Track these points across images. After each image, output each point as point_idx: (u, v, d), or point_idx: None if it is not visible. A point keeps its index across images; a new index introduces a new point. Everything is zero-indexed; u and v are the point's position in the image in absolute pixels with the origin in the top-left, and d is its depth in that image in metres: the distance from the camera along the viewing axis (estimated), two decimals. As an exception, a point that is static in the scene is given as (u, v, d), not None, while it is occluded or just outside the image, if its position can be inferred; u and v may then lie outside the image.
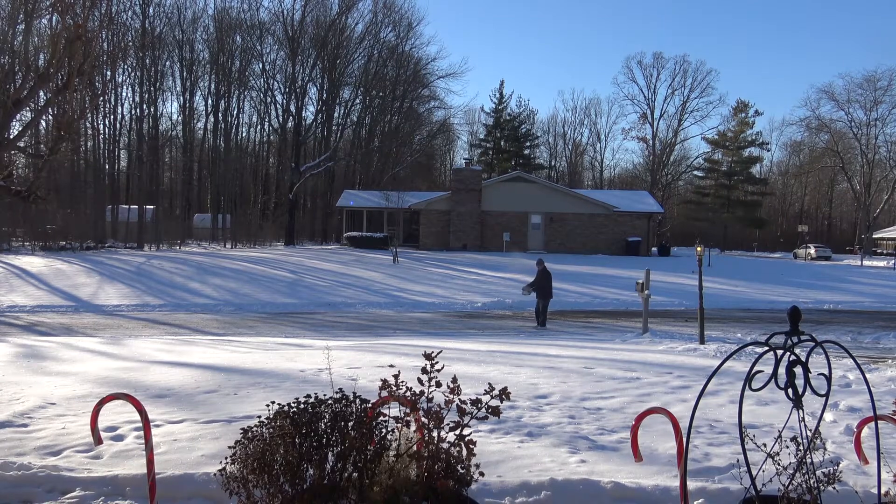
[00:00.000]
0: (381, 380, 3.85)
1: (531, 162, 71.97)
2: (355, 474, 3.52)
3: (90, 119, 43.43)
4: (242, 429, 3.65)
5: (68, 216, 39.24)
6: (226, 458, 3.62)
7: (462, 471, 3.68)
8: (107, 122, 49.38)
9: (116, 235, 44.11)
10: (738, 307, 21.63)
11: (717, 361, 3.51)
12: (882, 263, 42.35)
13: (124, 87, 49.26)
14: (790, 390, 3.37)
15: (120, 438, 5.64)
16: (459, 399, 3.69)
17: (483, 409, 3.71)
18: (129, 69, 47.90)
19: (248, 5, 53.98)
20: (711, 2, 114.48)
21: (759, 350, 3.38)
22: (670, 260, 38.37)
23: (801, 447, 3.48)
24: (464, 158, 54.51)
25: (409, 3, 74.68)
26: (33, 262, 29.30)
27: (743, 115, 70.58)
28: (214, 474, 3.79)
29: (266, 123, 60.08)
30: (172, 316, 19.00)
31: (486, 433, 5.70)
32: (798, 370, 3.35)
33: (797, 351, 3.37)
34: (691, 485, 4.39)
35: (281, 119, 54.80)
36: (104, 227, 43.38)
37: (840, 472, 3.65)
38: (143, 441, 4.43)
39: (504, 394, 3.75)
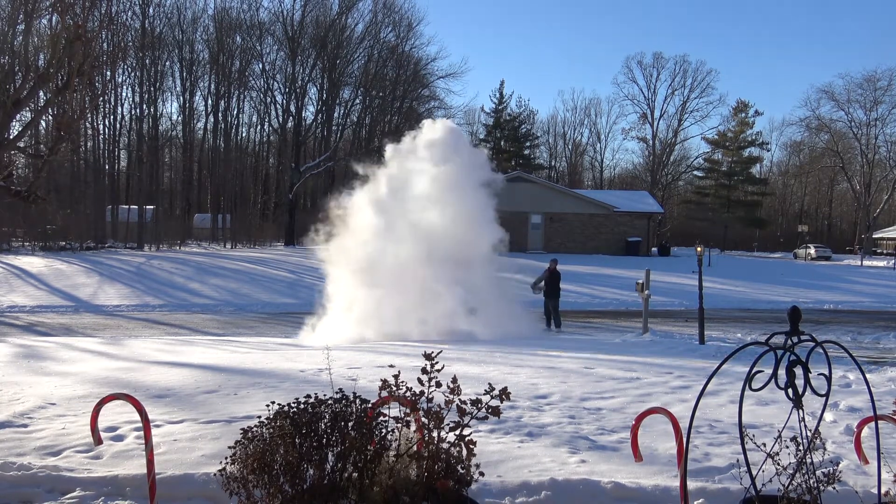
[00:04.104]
0: (381, 380, 3.85)
1: (531, 162, 71.88)
2: (355, 474, 3.52)
3: (90, 119, 43.34)
4: (242, 429, 3.65)
5: (68, 216, 39.17)
6: (226, 458, 3.62)
7: (462, 471, 3.68)
8: (107, 122, 49.30)
9: (116, 235, 44.07)
10: (738, 307, 21.64)
11: (717, 361, 3.51)
12: (882, 263, 42.35)
13: (124, 87, 49.20)
14: (790, 390, 3.37)
15: (120, 438, 5.64)
16: (459, 399, 3.68)
17: (483, 409, 3.71)
18: (129, 69, 47.80)
19: (247, 5, 53.78)
20: (711, 2, 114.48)
21: (760, 350, 3.38)
22: (670, 260, 38.38)
23: (801, 447, 3.48)
24: (464, 159, 54.35)
25: (409, 3, 74.49)
26: (33, 262, 29.30)
27: (743, 115, 70.49)
28: (214, 474, 3.79)
29: (266, 123, 60.04)
30: (172, 316, 19.00)
31: (486, 433, 5.70)
32: (798, 370, 3.35)
33: (797, 351, 3.37)
34: (691, 485, 4.39)
35: (281, 119, 54.78)
36: (104, 228, 43.33)
37: (840, 472, 3.65)
38: (143, 441, 4.44)
39: (504, 394, 3.75)
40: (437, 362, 3.76)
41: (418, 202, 14.72)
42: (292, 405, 3.63)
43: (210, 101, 54.70)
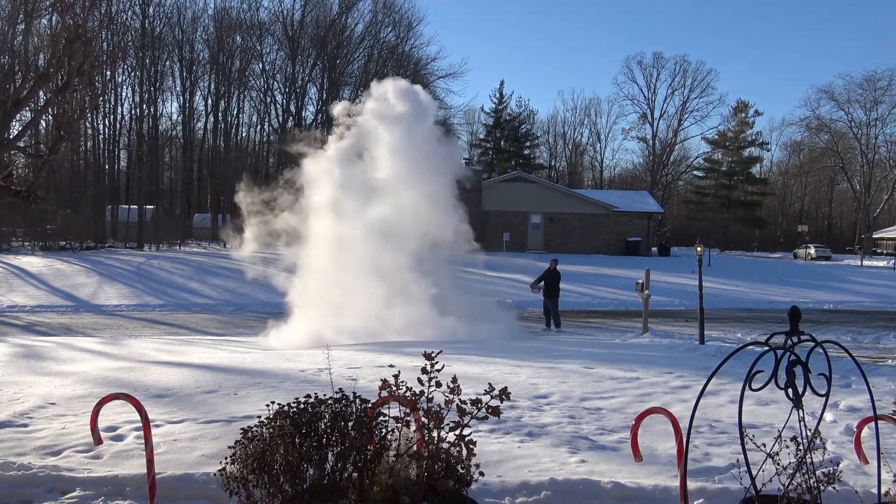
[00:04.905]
0: (381, 380, 3.85)
1: (531, 162, 71.85)
2: (355, 474, 3.52)
3: (90, 119, 43.36)
4: (242, 429, 3.65)
5: (68, 216, 39.17)
6: (226, 458, 3.62)
7: (462, 471, 3.69)
8: (107, 122, 49.30)
9: (116, 235, 44.06)
10: (738, 307, 21.63)
11: (717, 361, 3.51)
12: (882, 263, 42.34)
13: (124, 87, 49.19)
14: (790, 390, 3.37)
15: (120, 438, 5.64)
16: (459, 399, 3.69)
17: (483, 409, 3.71)
18: (129, 69, 47.83)
19: (248, 5, 53.79)
20: (712, 2, 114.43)
21: (759, 350, 3.38)
22: (670, 260, 38.37)
23: (801, 447, 3.48)
24: (464, 158, 54.41)
25: (409, 3, 74.57)
26: (33, 262, 29.30)
27: (743, 115, 70.47)
28: (214, 474, 3.79)
29: (266, 123, 60.06)
30: (172, 316, 19.00)
31: (486, 433, 5.70)
32: (798, 370, 3.35)
33: (797, 351, 3.37)
34: (691, 485, 4.39)
35: (281, 119, 54.79)
36: (104, 227, 43.32)
37: (840, 472, 3.65)
38: (143, 441, 4.44)
39: (504, 394, 3.75)
40: (436, 362, 3.76)
41: (372, 183, 13.43)
42: (292, 405, 3.64)
43: (210, 101, 54.68)
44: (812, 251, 49.92)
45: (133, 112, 50.01)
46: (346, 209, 13.34)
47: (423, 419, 3.73)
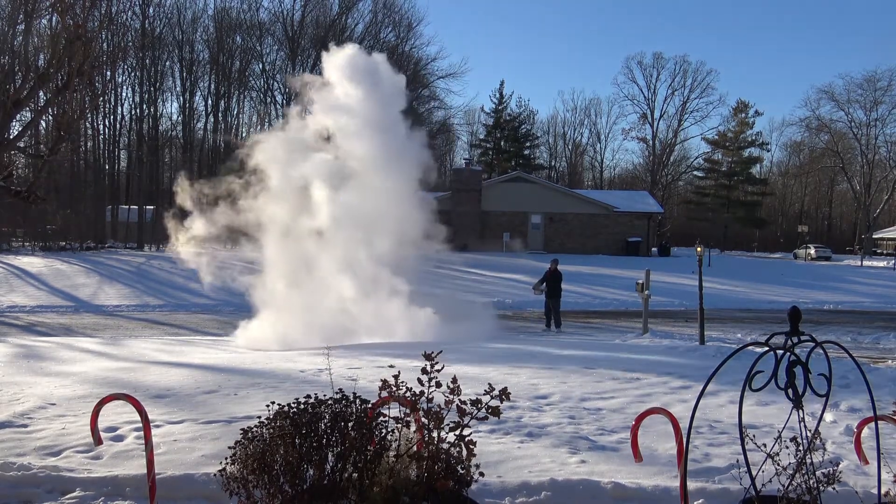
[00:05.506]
0: (381, 380, 3.85)
1: (531, 162, 71.82)
2: (355, 475, 3.52)
3: (90, 119, 43.37)
4: (242, 429, 3.65)
5: (68, 216, 39.18)
6: (226, 458, 3.62)
7: (462, 471, 3.69)
8: (107, 123, 49.28)
9: (116, 235, 44.07)
10: (738, 307, 21.63)
11: (717, 362, 3.51)
12: (882, 263, 42.32)
13: (124, 87, 49.18)
14: (790, 390, 3.37)
15: (120, 439, 5.64)
16: (459, 399, 3.69)
17: (483, 410, 3.71)
18: (129, 69, 47.86)
19: (247, 5, 53.79)
20: (712, 2, 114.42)
21: (760, 350, 3.38)
22: (670, 260, 38.36)
23: (800, 447, 3.48)
24: (464, 159, 54.39)
25: (409, 3, 74.45)
26: (33, 262, 29.29)
27: (743, 115, 70.47)
28: (214, 475, 3.79)
29: (266, 124, 60.04)
30: (172, 316, 19.01)
31: (486, 433, 5.70)
32: (798, 370, 3.35)
33: (797, 351, 3.37)
34: (691, 485, 4.39)
35: (281, 119, 54.85)
36: (104, 228, 43.33)
37: (840, 473, 3.66)
38: (143, 441, 4.44)
39: (504, 394, 3.76)
40: (436, 362, 3.76)
41: (333, 166, 12.75)
42: (292, 405, 3.64)
43: (210, 101, 54.66)
44: (812, 251, 49.91)
45: (133, 112, 50.03)
46: (306, 196, 12.73)
47: (423, 419, 3.73)
